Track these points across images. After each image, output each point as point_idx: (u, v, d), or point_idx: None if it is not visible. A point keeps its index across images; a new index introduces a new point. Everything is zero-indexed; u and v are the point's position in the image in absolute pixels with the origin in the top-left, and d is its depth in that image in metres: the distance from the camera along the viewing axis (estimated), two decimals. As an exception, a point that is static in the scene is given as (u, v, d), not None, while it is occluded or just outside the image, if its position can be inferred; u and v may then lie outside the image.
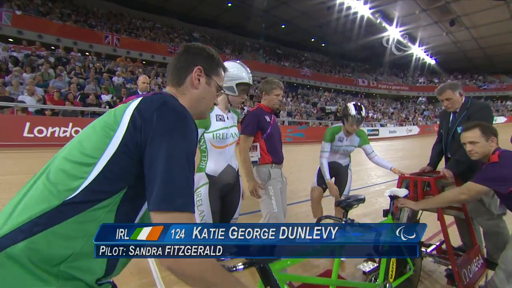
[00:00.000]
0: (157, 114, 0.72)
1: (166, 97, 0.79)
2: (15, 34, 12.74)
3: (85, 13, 16.53)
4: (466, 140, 1.82)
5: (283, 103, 16.37)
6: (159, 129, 0.70)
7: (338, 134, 2.63)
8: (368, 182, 5.83)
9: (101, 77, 10.52)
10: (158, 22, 19.93)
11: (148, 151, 0.69)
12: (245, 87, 1.71)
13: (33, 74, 8.80)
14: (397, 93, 30.84)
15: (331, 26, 21.47)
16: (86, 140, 0.73)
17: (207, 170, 1.73)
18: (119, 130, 0.71)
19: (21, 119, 6.96)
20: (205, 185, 1.71)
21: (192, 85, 0.92)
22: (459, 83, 2.47)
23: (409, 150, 11.57)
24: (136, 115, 0.72)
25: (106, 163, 0.69)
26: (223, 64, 1.01)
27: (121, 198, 0.71)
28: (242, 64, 1.73)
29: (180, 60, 0.93)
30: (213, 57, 0.97)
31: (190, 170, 0.72)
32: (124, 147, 0.70)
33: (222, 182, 1.74)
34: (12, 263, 0.58)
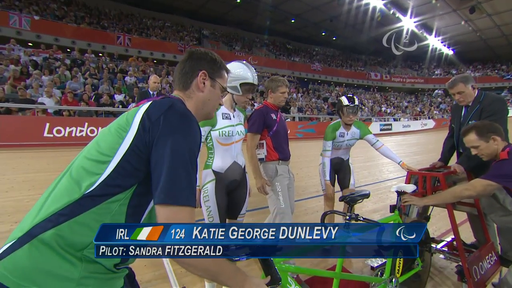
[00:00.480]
0: (164, 117, 0.79)
1: (174, 101, 0.85)
2: (34, 38, 13.26)
3: (98, 15, 16.95)
4: (468, 145, 1.80)
5: (293, 99, 16.26)
6: (164, 130, 0.77)
7: (338, 130, 2.63)
8: (379, 177, 5.75)
9: (114, 77, 10.81)
10: (168, 21, 20.15)
11: (154, 150, 0.76)
12: (249, 87, 1.74)
13: (51, 76, 9.17)
14: (412, 86, 29.92)
15: (341, 19, 21.02)
16: (102, 140, 0.82)
17: (214, 166, 1.78)
18: (130, 131, 0.79)
19: (41, 120, 7.28)
20: (212, 181, 1.76)
21: (198, 88, 0.99)
22: (471, 75, 2.39)
23: (423, 145, 11.24)
24: (145, 118, 0.80)
25: (119, 161, 0.76)
26: (225, 66, 1.07)
27: (132, 193, 0.78)
28: (247, 64, 1.76)
29: (186, 66, 1.00)
30: (216, 60, 1.03)
31: (192, 167, 0.78)
32: (135, 147, 0.77)
33: (228, 178, 1.78)
34: (45, 247, 0.69)
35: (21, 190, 3.85)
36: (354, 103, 2.53)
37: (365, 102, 21.65)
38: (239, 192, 1.87)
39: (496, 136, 1.68)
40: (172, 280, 2.12)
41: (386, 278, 1.73)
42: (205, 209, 1.77)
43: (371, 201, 4.06)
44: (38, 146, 7.02)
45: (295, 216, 3.51)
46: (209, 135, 1.79)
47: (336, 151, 2.71)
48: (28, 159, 5.68)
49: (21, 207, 3.29)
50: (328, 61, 27.75)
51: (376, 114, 19.35)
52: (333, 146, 2.66)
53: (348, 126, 2.64)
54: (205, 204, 1.76)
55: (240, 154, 1.87)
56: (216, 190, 1.75)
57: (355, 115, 2.56)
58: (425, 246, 2.10)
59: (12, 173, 4.61)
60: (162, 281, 2.12)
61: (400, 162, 2.45)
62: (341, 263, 1.48)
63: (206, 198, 1.76)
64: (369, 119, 17.17)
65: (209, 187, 1.75)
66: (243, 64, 1.75)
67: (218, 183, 1.76)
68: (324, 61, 27.09)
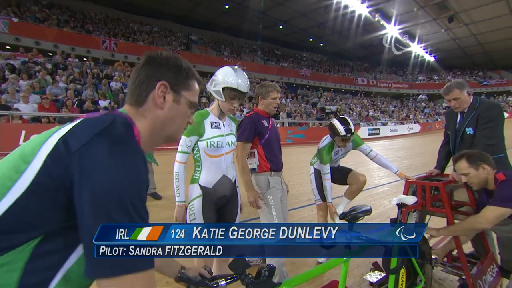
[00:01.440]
0: (87, 147, 0.56)
1: (113, 121, 0.63)
2: (13, 41, 12.71)
3: (82, 19, 16.51)
4: (458, 172, 1.83)
5: (282, 104, 16.28)
6: (86, 168, 0.55)
7: (334, 150, 2.59)
8: (370, 183, 5.70)
9: (99, 83, 10.45)
10: (155, 25, 19.89)
11: (75, 197, 0.55)
12: (233, 93, 1.58)
13: (30, 81, 8.73)
14: (397, 91, 30.72)
15: (328, 25, 21.41)
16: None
17: (201, 181, 1.62)
18: (33, 163, 0.56)
19: (16, 127, 6.86)
20: (199, 197, 1.60)
21: (156, 104, 0.75)
22: (465, 82, 2.35)
23: (410, 149, 11.44)
24: (60, 146, 0.57)
25: (8, 207, 0.54)
26: (195, 75, 0.84)
27: (30, 253, 0.55)
28: (236, 69, 1.60)
29: (141, 74, 0.76)
30: (182, 68, 0.79)
31: (131, 219, 0.57)
32: (37, 187, 0.55)
33: (217, 194, 1.62)
34: None
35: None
36: (350, 133, 2.36)
37: (353, 107, 21.97)
38: (229, 208, 1.71)
39: (486, 165, 1.71)
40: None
41: (389, 298, 1.60)
42: None
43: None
44: (13, 155, 6.61)
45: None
46: (196, 146, 1.63)
47: (332, 163, 2.71)
48: (1, 170, 5.30)
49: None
50: (316, 66, 28.12)
51: (363, 118, 19.65)
52: (331, 164, 2.64)
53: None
54: (192, 223, 1.59)
55: (230, 167, 1.71)
56: (203, 208, 1.59)
57: (349, 142, 2.44)
58: (425, 258, 2.00)
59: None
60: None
61: (397, 171, 2.39)
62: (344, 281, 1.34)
63: (192, 216, 1.59)
64: (357, 124, 17.39)
65: (196, 204, 1.59)
66: (231, 68, 1.60)
67: (205, 199, 1.60)
68: (312, 67, 27.44)
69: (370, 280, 2.01)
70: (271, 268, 1.04)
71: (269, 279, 1.00)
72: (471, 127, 2.18)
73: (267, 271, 1.02)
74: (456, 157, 1.86)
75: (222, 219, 1.70)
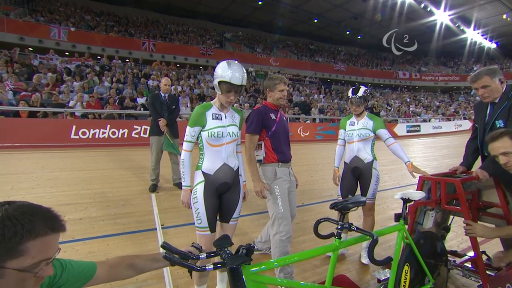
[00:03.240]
0: None
1: None
2: (70, 48, 14.41)
3: (126, 23, 17.92)
4: (498, 151, 1.56)
5: (315, 100, 15.90)
6: None
7: (350, 119, 2.60)
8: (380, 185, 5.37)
9: (138, 82, 11.31)
10: (191, 25, 20.77)
11: None
12: (228, 86, 1.64)
13: (81, 82, 9.80)
14: (445, 84, 27.88)
15: (366, 16, 20.25)
16: None
17: (203, 168, 1.72)
18: None
19: (68, 122, 7.80)
20: (201, 183, 1.70)
21: None
22: (498, 68, 2.10)
23: (456, 148, 10.34)
24: None
25: None
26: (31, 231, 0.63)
27: None
28: (231, 63, 1.66)
29: None
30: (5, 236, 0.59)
31: None
32: None
33: (218, 181, 1.71)
34: None
35: (45, 188, 4.11)
36: (357, 94, 2.45)
37: (391, 102, 20.57)
38: (231, 195, 1.79)
39: None
40: (167, 280, 2.11)
41: (389, 295, 1.55)
42: (194, 210, 1.72)
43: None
44: (66, 147, 7.51)
45: (304, 220, 3.37)
46: (200, 136, 1.74)
47: (351, 145, 2.53)
48: (56, 159, 6.08)
49: (42, 203, 3.47)
50: (352, 60, 26.83)
51: (402, 114, 18.28)
52: (347, 137, 2.57)
53: (359, 116, 2.53)
54: (194, 206, 1.71)
55: (232, 156, 1.79)
56: (205, 192, 1.69)
57: (359, 106, 2.46)
58: (439, 259, 1.87)
59: (40, 172, 4.95)
60: (158, 281, 2.10)
61: (407, 162, 2.23)
62: (331, 276, 1.34)
63: (195, 199, 1.71)
64: (395, 120, 16.26)
65: (198, 189, 1.70)
66: (226, 62, 1.67)
67: (207, 184, 1.70)
68: (348, 61, 26.24)
69: (378, 277, 1.95)
70: (250, 247, 1.10)
71: (245, 257, 1.05)
72: (502, 119, 1.95)
73: (245, 249, 1.08)
74: (494, 135, 1.59)
75: (225, 205, 1.79)
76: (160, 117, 4.13)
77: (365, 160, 2.46)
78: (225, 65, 1.65)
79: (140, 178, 4.86)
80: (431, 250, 1.80)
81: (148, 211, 3.47)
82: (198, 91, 12.31)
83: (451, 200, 1.97)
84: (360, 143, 2.48)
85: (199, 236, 1.72)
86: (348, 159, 2.55)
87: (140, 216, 3.29)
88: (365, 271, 2.35)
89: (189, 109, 10.13)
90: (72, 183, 4.40)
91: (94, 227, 2.97)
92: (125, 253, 2.47)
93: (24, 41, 13.25)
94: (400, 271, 1.58)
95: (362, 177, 2.48)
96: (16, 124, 7.25)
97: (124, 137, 8.33)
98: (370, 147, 2.50)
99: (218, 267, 1.02)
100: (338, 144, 2.68)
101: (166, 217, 3.30)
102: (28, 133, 7.20)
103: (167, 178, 4.72)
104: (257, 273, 1.13)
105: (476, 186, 2.11)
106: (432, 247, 1.82)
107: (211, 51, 18.70)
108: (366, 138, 2.46)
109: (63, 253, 2.42)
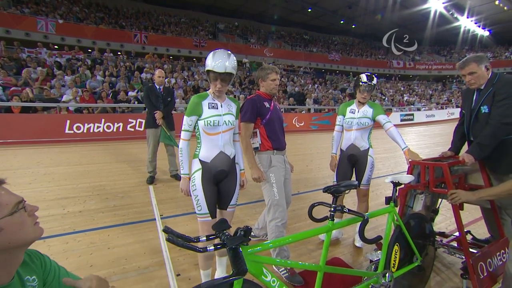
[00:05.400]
0: None
1: None
2: (59, 41, 14.03)
3: (116, 15, 17.50)
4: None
5: (309, 90, 15.91)
6: None
7: (350, 106, 2.61)
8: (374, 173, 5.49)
9: (131, 75, 11.16)
10: (183, 16, 20.38)
11: None
12: (213, 74, 1.69)
13: (73, 76, 9.64)
14: (439, 73, 28.10)
15: (361, 5, 20.08)
16: None
17: (200, 156, 1.77)
18: None
19: (62, 117, 7.71)
20: (198, 170, 1.75)
21: None
22: (486, 55, 2.17)
23: (448, 135, 10.48)
24: None
25: None
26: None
27: None
28: (215, 52, 1.71)
29: None
30: None
31: None
32: None
33: (215, 168, 1.76)
34: None
35: (42, 182, 4.12)
36: (372, 81, 2.47)
37: (384, 91, 20.68)
38: (228, 182, 1.84)
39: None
40: (168, 267, 2.18)
41: (379, 273, 1.64)
42: (193, 197, 1.77)
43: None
44: (60, 142, 7.46)
45: (300, 207, 3.46)
46: (197, 125, 1.78)
47: (348, 133, 2.58)
48: (51, 154, 6.05)
49: (40, 198, 3.54)
50: (347, 50, 26.75)
51: (396, 104, 18.44)
52: (345, 124, 2.60)
53: (361, 104, 2.55)
54: (193, 193, 1.76)
55: (228, 145, 1.83)
56: (202, 179, 1.74)
57: (370, 93, 2.49)
58: (427, 239, 1.98)
59: (36, 167, 4.94)
60: (159, 268, 2.18)
61: (404, 148, 2.27)
62: (325, 256, 1.42)
63: (194, 187, 1.76)
64: (389, 109, 16.40)
65: (196, 176, 1.75)
66: (212, 52, 1.72)
67: (204, 172, 1.75)
68: (342, 51, 26.15)
69: (371, 258, 2.04)
70: (248, 229, 1.16)
71: (244, 237, 1.12)
72: (487, 105, 2.02)
73: (243, 231, 1.14)
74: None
75: (222, 192, 1.84)
76: (155, 109, 4.13)
77: (361, 148, 2.52)
78: (211, 54, 1.70)
79: (137, 171, 4.90)
80: (420, 231, 1.90)
81: (146, 202, 3.53)
82: (192, 83, 12.21)
83: (439, 184, 2.06)
84: (358, 131, 2.53)
85: (201, 222, 1.77)
86: (345, 146, 2.61)
87: (139, 207, 3.35)
88: (359, 254, 2.46)
89: (184, 101, 10.07)
90: (69, 177, 4.42)
91: (94, 219, 3.02)
92: (126, 243, 2.54)
93: (10, 34, 12.88)
94: (390, 250, 1.68)
95: (358, 164, 2.55)
96: (9, 120, 7.15)
97: (119, 130, 8.29)
98: (368, 135, 2.56)
99: (219, 248, 1.08)
100: (335, 130, 2.69)
101: (164, 208, 3.36)
102: (21, 129, 7.11)
103: (164, 170, 4.76)
104: (255, 253, 1.20)
105: (463, 170, 2.21)
106: (421, 228, 1.92)
107: (204, 43, 18.44)
108: (365, 127, 2.52)
109: (65, 244, 2.49)
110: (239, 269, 1.06)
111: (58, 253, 2.33)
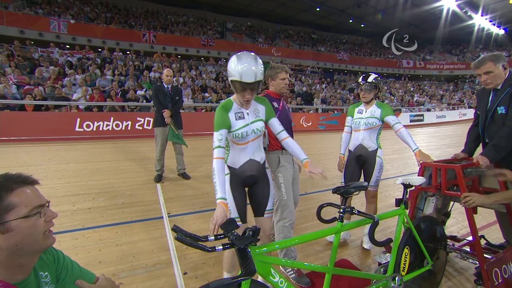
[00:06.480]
0: None
1: None
2: (70, 40, 14.32)
3: (126, 14, 17.73)
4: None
5: (317, 90, 15.79)
6: None
7: (358, 107, 2.61)
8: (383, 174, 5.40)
9: (140, 74, 11.29)
10: (191, 16, 20.50)
11: None
12: (241, 85, 1.47)
13: (83, 75, 9.82)
14: (450, 72, 27.44)
15: (370, 4, 19.79)
16: None
17: (229, 162, 1.70)
18: None
19: (72, 115, 7.86)
20: (227, 175, 1.68)
21: None
22: (503, 54, 2.09)
23: (459, 137, 10.28)
24: None
25: None
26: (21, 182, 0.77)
27: None
28: (239, 56, 1.49)
29: None
30: None
31: None
32: None
33: (244, 173, 1.70)
34: None
35: (53, 179, 4.21)
36: (367, 80, 2.46)
37: (394, 91, 20.35)
38: (259, 188, 1.75)
39: None
40: (175, 265, 2.19)
41: (389, 276, 1.61)
42: None
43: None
44: (71, 139, 7.60)
45: (307, 208, 3.44)
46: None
47: (356, 133, 2.55)
48: (62, 151, 6.17)
49: (52, 194, 3.61)
50: (355, 49, 26.42)
51: (406, 104, 18.12)
52: (353, 125, 2.59)
53: (368, 105, 2.53)
54: None
55: (258, 151, 1.73)
56: (231, 183, 1.68)
57: (368, 92, 2.47)
58: (439, 243, 1.93)
59: (47, 164, 5.05)
60: (167, 266, 2.19)
61: (415, 149, 2.18)
62: (334, 258, 1.40)
63: None
64: (398, 110, 16.14)
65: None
66: (236, 56, 1.49)
67: (233, 176, 1.69)
68: (351, 50, 25.84)
69: (379, 261, 2.01)
70: (256, 229, 1.15)
71: (252, 237, 1.11)
72: (504, 105, 1.96)
73: (252, 231, 1.13)
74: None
75: (255, 198, 1.77)
76: (164, 108, 4.16)
77: (370, 149, 2.48)
78: (235, 59, 1.49)
79: (145, 169, 4.95)
80: (430, 234, 1.85)
81: (154, 200, 3.56)
82: (200, 83, 12.27)
83: (451, 186, 2.00)
84: (366, 131, 2.50)
85: None
86: (353, 147, 2.57)
87: (147, 205, 3.38)
88: (367, 256, 2.42)
89: (191, 100, 10.13)
90: (79, 174, 4.49)
91: (103, 216, 3.06)
92: (134, 240, 2.56)
93: (24, 34, 13.20)
94: (400, 253, 1.64)
95: (366, 164, 2.51)
96: (22, 117, 7.33)
97: (128, 129, 8.40)
98: (376, 136, 2.52)
99: (227, 247, 1.07)
100: (344, 131, 2.68)
101: (172, 206, 3.38)
102: (33, 127, 7.29)
103: (171, 169, 4.79)
104: (262, 254, 1.19)
105: (477, 173, 2.14)
106: (431, 231, 1.87)
107: (212, 42, 18.51)
108: (372, 127, 2.48)
109: (75, 240, 2.52)
110: (248, 269, 1.05)
111: (68, 248, 2.37)
